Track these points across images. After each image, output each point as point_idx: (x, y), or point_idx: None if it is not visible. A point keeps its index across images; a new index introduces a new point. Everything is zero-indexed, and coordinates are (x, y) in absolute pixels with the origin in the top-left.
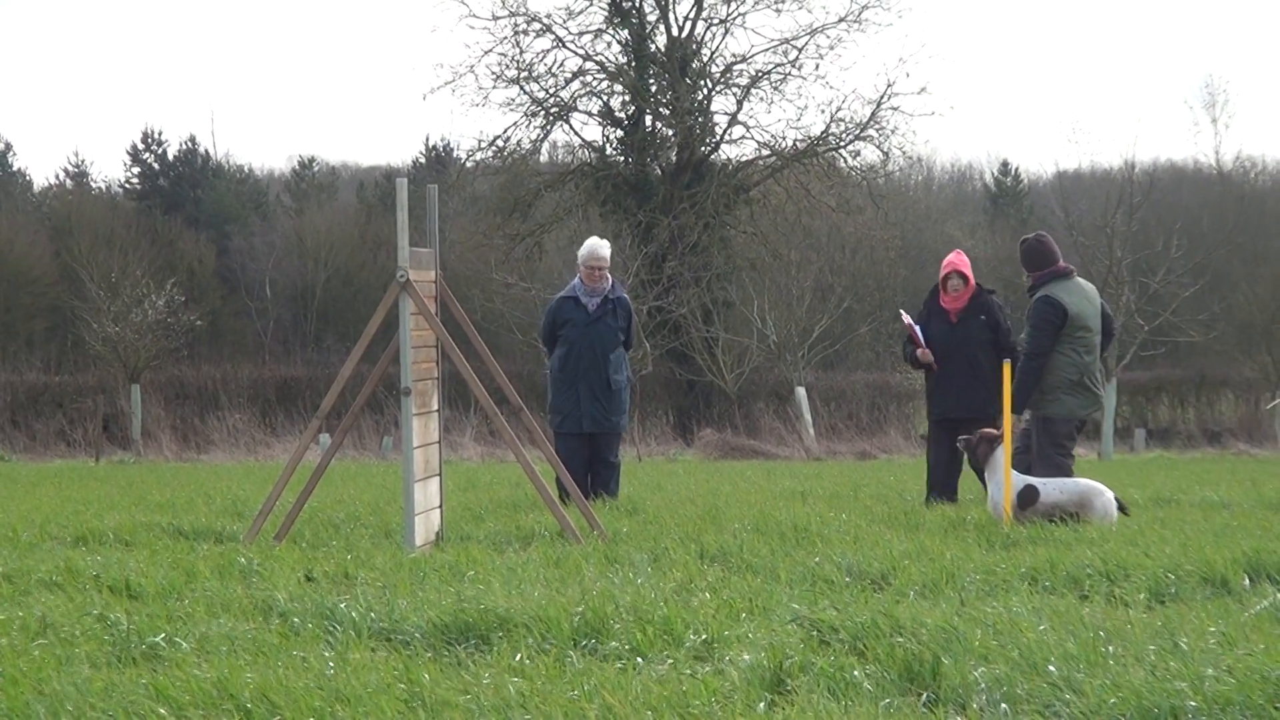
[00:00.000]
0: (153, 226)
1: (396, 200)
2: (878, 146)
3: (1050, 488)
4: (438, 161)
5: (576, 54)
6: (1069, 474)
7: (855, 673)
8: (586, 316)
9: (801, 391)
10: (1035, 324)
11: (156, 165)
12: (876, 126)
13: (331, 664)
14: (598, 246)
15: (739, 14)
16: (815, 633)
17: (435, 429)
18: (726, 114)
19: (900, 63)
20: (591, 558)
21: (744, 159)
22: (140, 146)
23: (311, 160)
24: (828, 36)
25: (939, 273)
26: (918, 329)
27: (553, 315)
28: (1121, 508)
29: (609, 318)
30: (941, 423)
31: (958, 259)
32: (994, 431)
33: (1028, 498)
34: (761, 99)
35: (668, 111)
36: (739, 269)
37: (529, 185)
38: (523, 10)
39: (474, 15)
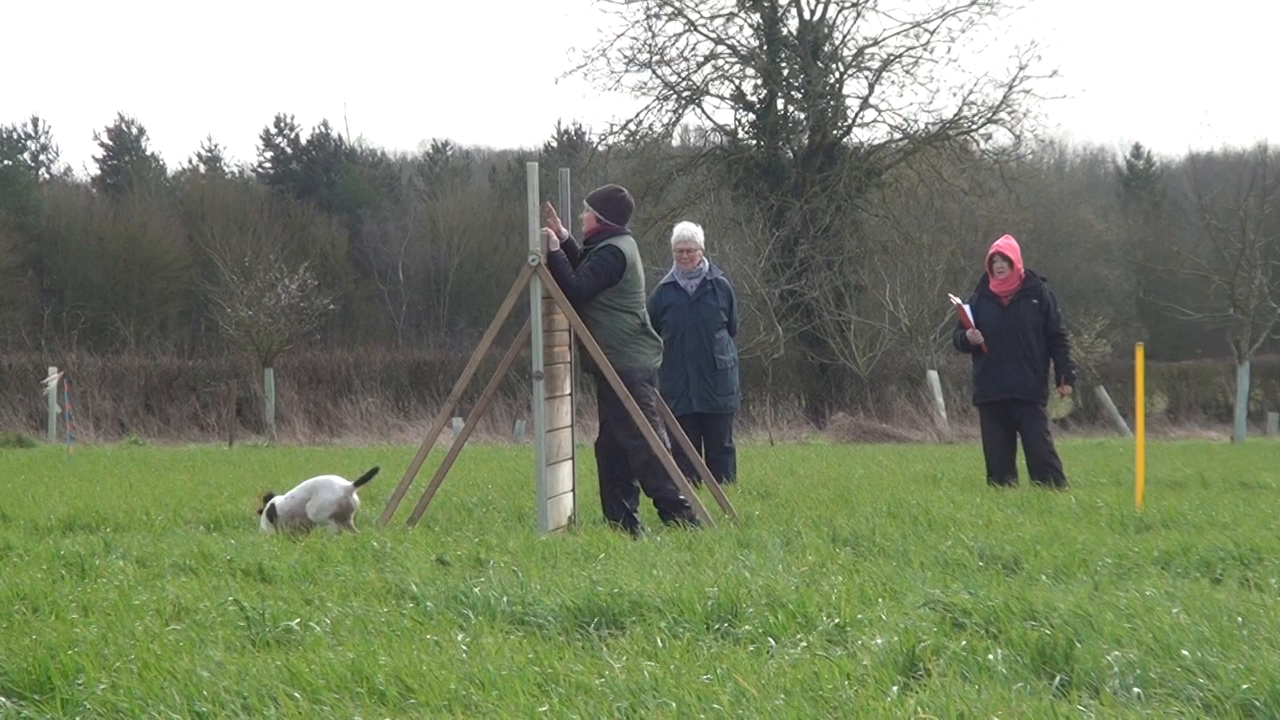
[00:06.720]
0: (285, 210)
1: (528, 184)
2: (1009, 129)
3: (282, 500)
4: (569, 145)
5: (708, 38)
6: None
7: (989, 656)
8: (687, 299)
9: (934, 375)
10: (595, 267)
11: (289, 150)
12: (1008, 109)
13: (465, 648)
14: (687, 230)
15: None
16: (948, 616)
17: (567, 413)
18: (858, 97)
19: (1032, 45)
20: (723, 541)
21: (876, 142)
22: (273, 131)
23: (445, 144)
24: (959, 19)
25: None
26: (968, 310)
27: (653, 304)
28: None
29: (709, 298)
30: (990, 405)
31: (1004, 243)
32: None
33: (270, 515)
34: (893, 82)
35: (799, 95)
36: (871, 252)
37: (661, 169)
38: None
39: None
